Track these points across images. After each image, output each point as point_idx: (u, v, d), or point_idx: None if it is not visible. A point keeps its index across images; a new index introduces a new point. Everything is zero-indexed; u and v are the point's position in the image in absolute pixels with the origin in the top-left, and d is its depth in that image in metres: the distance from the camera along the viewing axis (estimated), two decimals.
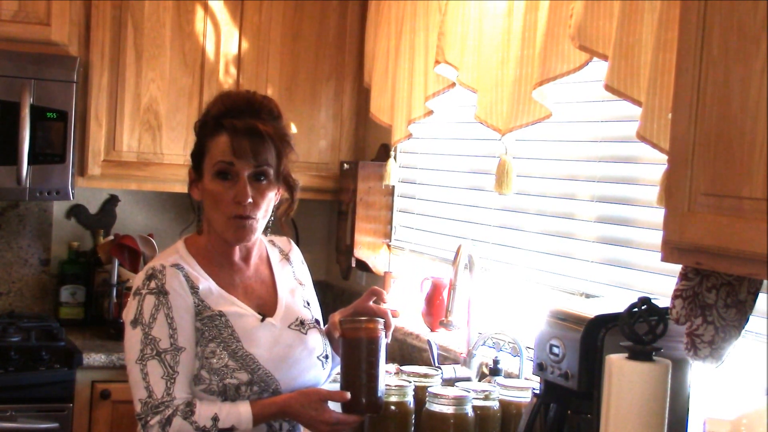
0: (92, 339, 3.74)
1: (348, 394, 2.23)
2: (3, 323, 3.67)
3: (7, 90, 3.55)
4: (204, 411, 2.16)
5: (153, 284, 2.22)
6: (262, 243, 2.42)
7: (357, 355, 2.26)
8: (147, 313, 2.20)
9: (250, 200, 2.23)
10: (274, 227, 2.38)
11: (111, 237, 4.03)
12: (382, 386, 2.28)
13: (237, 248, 2.33)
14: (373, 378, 2.26)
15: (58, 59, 3.64)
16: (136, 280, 2.26)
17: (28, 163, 3.57)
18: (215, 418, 2.16)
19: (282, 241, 2.50)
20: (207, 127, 2.28)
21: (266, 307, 2.34)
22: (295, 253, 2.50)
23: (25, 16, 3.63)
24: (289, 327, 2.33)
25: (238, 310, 2.27)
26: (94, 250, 4.05)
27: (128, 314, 2.23)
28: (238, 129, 2.23)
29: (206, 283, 2.26)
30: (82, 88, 3.73)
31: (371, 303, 2.34)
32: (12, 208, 4.02)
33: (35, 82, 3.58)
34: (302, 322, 2.36)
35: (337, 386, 2.30)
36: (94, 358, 3.52)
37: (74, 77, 3.65)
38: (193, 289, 2.24)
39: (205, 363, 2.21)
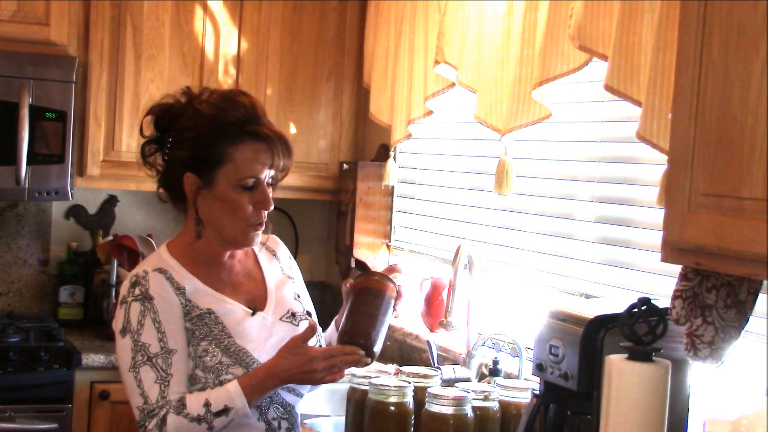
0: (91, 339, 3.74)
1: (312, 323, 2.23)
2: (2, 324, 3.66)
3: (6, 90, 3.55)
4: (194, 401, 2.15)
5: (137, 291, 2.21)
6: None
7: (363, 300, 2.24)
8: (134, 321, 2.19)
9: (272, 207, 2.25)
10: None
11: (110, 237, 4.02)
12: (381, 337, 2.23)
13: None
14: (374, 320, 2.22)
15: (57, 59, 3.63)
16: (122, 288, 2.25)
17: (27, 164, 3.56)
18: (207, 404, 2.14)
19: (266, 238, 2.48)
20: (224, 133, 2.20)
21: (256, 301, 2.33)
22: (282, 248, 2.49)
23: (24, 16, 3.63)
24: (280, 319, 2.32)
25: (227, 306, 2.26)
26: (93, 251, 4.04)
27: (117, 324, 2.23)
28: (271, 137, 2.20)
29: (192, 284, 2.25)
30: (81, 88, 3.73)
31: None
32: (11, 209, 4.01)
33: (34, 82, 3.58)
34: (293, 314, 2.35)
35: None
36: (93, 359, 3.51)
37: (73, 77, 3.65)
38: (179, 290, 2.23)
39: (198, 362, 2.20)
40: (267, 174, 2.23)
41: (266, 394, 2.22)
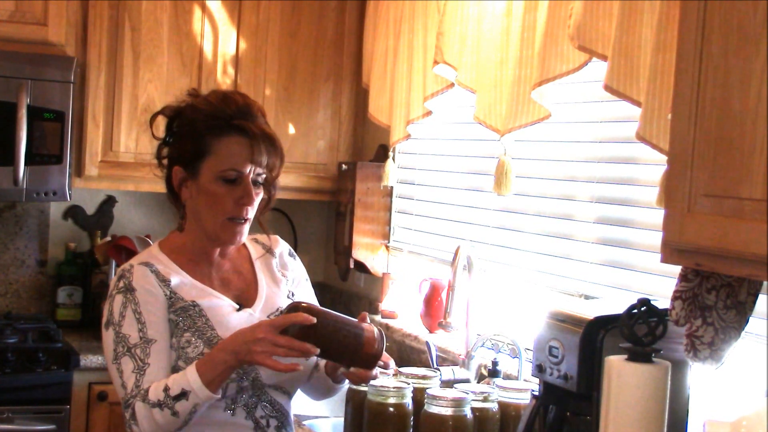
0: (89, 340, 3.73)
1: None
2: (0, 324, 3.66)
3: (4, 90, 3.55)
4: (155, 387, 2.12)
5: (121, 284, 2.22)
6: None
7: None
8: (117, 312, 2.20)
9: (254, 203, 2.23)
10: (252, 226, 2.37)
11: (108, 238, 4.01)
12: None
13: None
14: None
15: (55, 59, 3.63)
16: (110, 283, 2.27)
17: (25, 164, 3.56)
18: (165, 389, 2.11)
19: (266, 237, 2.45)
20: (209, 125, 2.22)
21: (245, 298, 2.32)
22: (281, 246, 2.47)
23: (22, 17, 3.62)
24: (268, 317, 2.31)
25: (213, 299, 2.26)
26: (91, 252, 4.04)
27: (103, 317, 2.24)
28: (255, 133, 2.20)
29: (179, 277, 2.25)
30: (79, 89, 3.73)
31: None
32: (9, 209, 4.01)
33: (32, 82, 3.58)
34: (282, 313, 2.34)
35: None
36: (91, 360, 3.51)
37: (71, 78, 3.64)
38: (164, 282, 2.23)
39: (181, 353, 2.20)
40: (252, 170, 2.22)
41: (223, 373, 2.11)
